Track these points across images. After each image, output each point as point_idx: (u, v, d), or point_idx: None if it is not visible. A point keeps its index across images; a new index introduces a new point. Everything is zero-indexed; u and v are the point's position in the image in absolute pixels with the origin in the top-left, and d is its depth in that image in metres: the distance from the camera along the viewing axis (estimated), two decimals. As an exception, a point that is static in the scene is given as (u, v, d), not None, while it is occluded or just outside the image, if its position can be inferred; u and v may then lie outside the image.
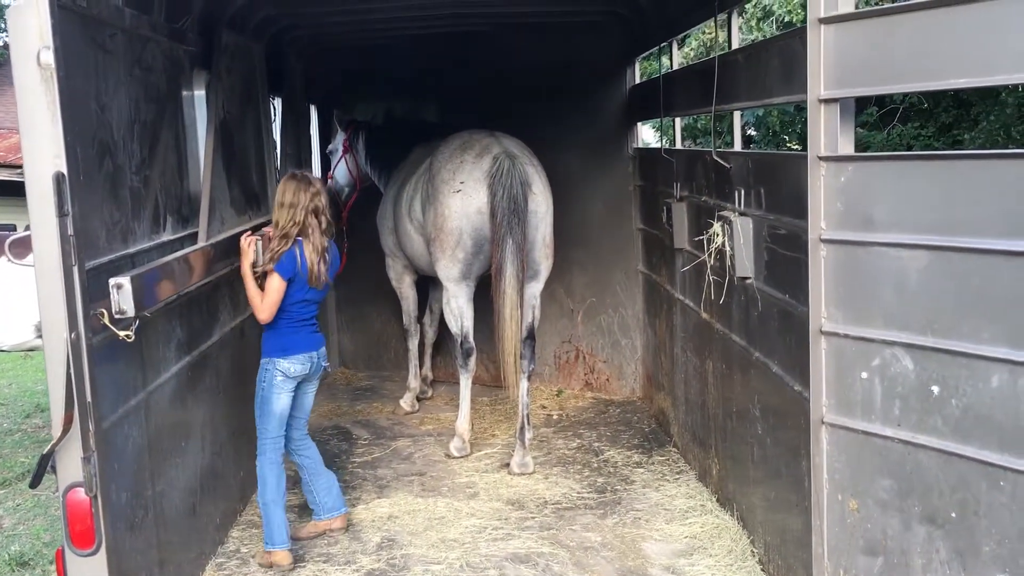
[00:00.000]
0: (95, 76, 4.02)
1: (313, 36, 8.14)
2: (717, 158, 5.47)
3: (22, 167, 3.63)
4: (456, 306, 6.89)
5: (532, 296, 6.85)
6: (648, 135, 16.05)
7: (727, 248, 5.11)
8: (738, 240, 4.92)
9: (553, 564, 5.21)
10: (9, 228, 15.95)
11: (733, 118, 5.99)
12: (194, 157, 5.38)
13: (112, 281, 3.83)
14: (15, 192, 10.24)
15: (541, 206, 6.70)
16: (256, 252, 5.17)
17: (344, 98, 9.28)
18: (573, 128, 8.42)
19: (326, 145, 9.34)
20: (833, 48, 3.66)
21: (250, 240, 5.17)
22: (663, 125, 7.70)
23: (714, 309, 5.68)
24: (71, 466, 3.69)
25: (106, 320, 3.81)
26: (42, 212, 3.53)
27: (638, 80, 8.45)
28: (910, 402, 3.49)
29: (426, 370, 8.80)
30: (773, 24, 15.58)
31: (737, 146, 5.99)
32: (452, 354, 7.97)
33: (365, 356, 9.74)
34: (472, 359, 6.97)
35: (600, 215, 8.52)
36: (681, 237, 6.37)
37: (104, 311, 3.81)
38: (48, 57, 3.48)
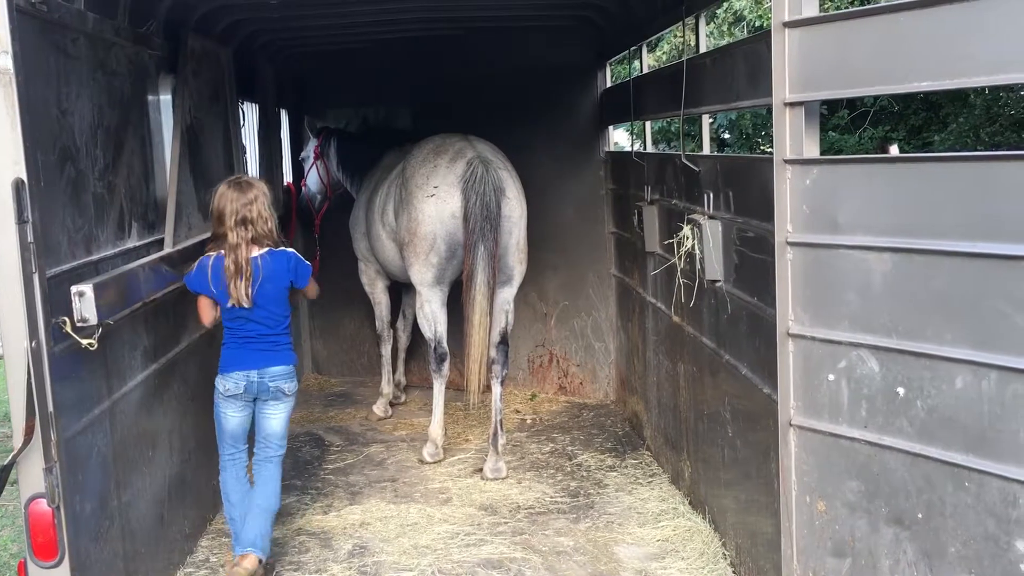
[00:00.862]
0: (56, 81, 3.97)
1: (283, 41, 8.09)
2: (686, 161, 5.48)
3: (-20, 174, 3.56)
4: (430, 311, 6.86)
5: (505, 301, 6.83)
6: (622, 138, 16.11)
7: (697, 251, 5.12)
8: (707, 243, 4.93)
9: (525, 569, 5.20)
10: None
11: (702, 121, 6.01)
12: (160, 162, 5.32)
13: (74, 289, 3.78)
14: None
15: (515, 211, 6.68)
16: None
17: (315, 103, 9.24)
18: (545, 132, 8.42)
19: (298, 150, 9.30)
20: (798, 51, 3.67)
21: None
22: (634, 128, 7.72)
23: (685, 312, 5.69)
24: (33, 477, 3.64)
25: (68, 328, 3.76)
26: (1, 219, 3.48)
27: (609, 84, 8.47)
28: (876, 404, 3.50)
29: (399, 375, 8.76)
30: (744, 29, 15.68)
31: (706, 149, 6.01)
32: (426, 359, 7.94)
33: (338, 362, 9.69)
34: (446, 364, 6.95)
35: (572, 219, 8.53)
36: (652, 240, 6.38)
37: (66, 319, 3.76)
38: (6, 62, 3.44)
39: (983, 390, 3.12)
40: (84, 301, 3.78)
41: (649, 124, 7.79)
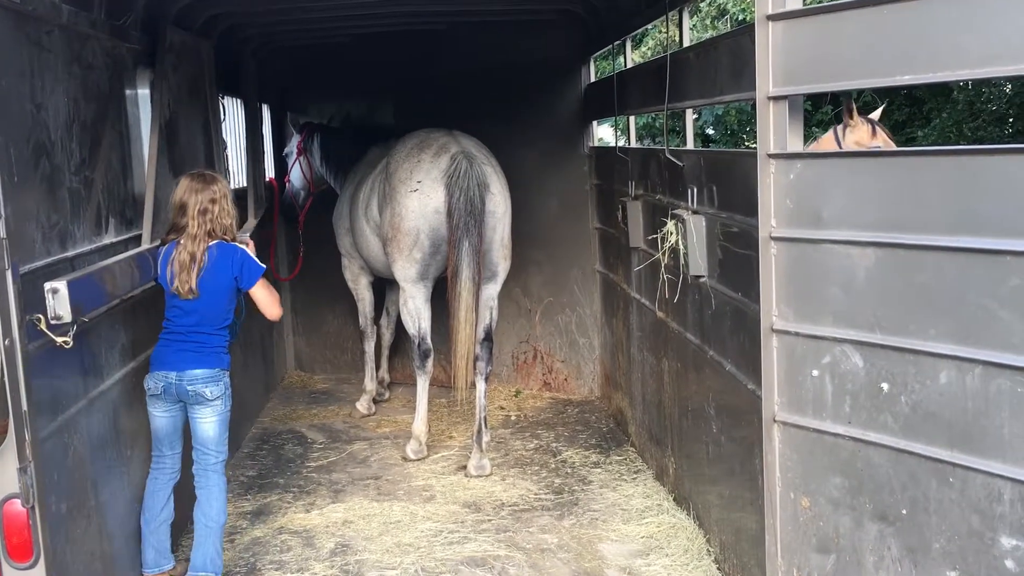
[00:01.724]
0: (30, 74, 3.90)
1: (264, 34, 8.01)
2: (670, 156, 5.45)
3: (-49, 168, 3.50)
4: (413, 307, 6.82)
5: (490, 298, 6.80)
6: (607, 134, 16.08)
7: (680, 246, 5.10)
8: (691, 238, 4.90)
9: (509, 567, 5.17)
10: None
11: (686, 116, 5.98)
12: (138, 157, 5.24)
13: (48, 285, 3.71)
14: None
15: (499, 207, 6.64)
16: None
17: (298, 99, 9.17)
18: (529, 127, 8.39)
19: (280, 146, 9.23)
20: (781, 45, 3.64)
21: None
22: (617, 123, 7.69)
23: (669, 308, 5.66)
24: (7, 477, 3.56)
25: (42, 326, 3.69)
26: (-28, 215, 3.41)
27: (593, 79, 8.44)
28: (860, 399, 3.48)
29: (383, 372, 8.72)
30: (728, 23, 15.68)
31: (689, 144, 5.98)
32: (409, 355, 7.90)
33: (321, 359, 9.63)
34: (429, 361, 6.91)
35: (557, 214, 8.50)
36: (636, 236, 6.35)
37: (40, 317, 3.69)
38: (-23, 55, 3.37)
39: (967, 385, 3.10)
40: (58, 298, 3.71)
41: (633, 119, 7.77)
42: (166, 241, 4.82)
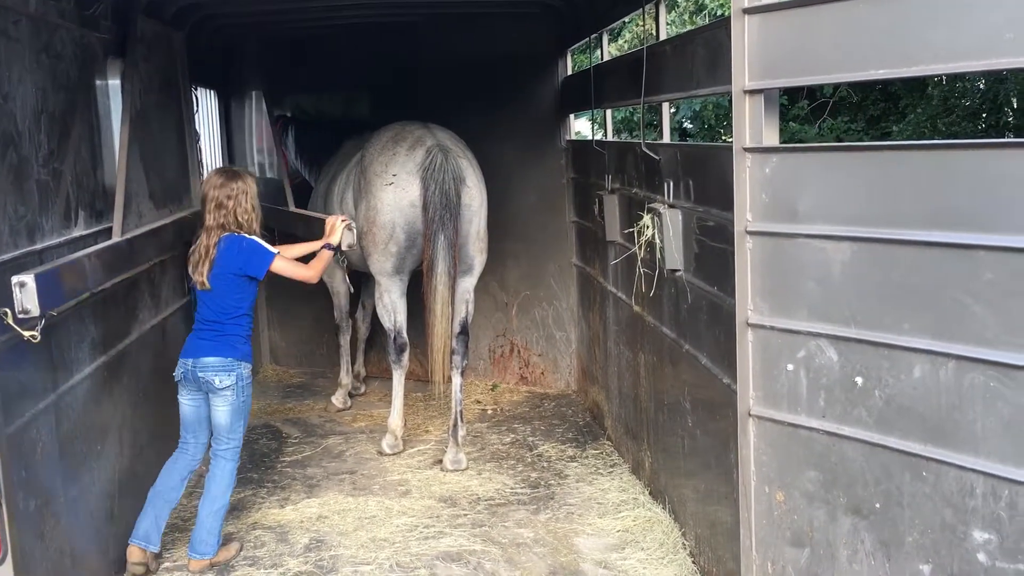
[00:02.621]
0: (-4, 64, 3.83)
1: (237, 26, 7.93)
2: (647, 150, 5.44)
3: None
4: (389, 301, 6.78)
5: (465, 291, 6.77)
6: (584, 127, 16.07)
7: (657, 240, 5.09)
8: (667, 232, 4.89)
9: (485, 562, 5.15)
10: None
11: (662, 110, 5.97)
12: (109, 149, 5.18)
13: (15, 279, 3.65)
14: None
15: (475, 200, 6.61)
16: (340, 233, 5.48)
17: (273, 91, 9.09)
18: (506, 120, 8.35)
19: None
20: (757, 38, 3.64)
21: (344, 220, 5.54)
22: (595, 117, 7.68)
23: (645, 302, 5.66)
24: (-27, 474, 3.52)
25: (9, 320, 3.64)
26: (-64, 207, 3.35)
27: (570, 72, 8.41)
28: (835, 393, 3.49)
29: (359, 366, 8.66)
30: (706, 17, 15.70)
31: (666, 138, 5.97)
32: (385, 349, 7.85)
33: (296, 353, 9.56)
34: (405, 355, 6.87)
35: (534, 208, 8.47)
36: (613, 229, 6.34)
37: (7, 311, 3.63)
38: (-59, 43, 3.30)
39: (941, 380, 3.11)
40: (26, 292, 3.65)
41: (611, 113, 7.75)
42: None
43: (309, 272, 5.29)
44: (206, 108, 8.05)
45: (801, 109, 16.36)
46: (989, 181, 2.93)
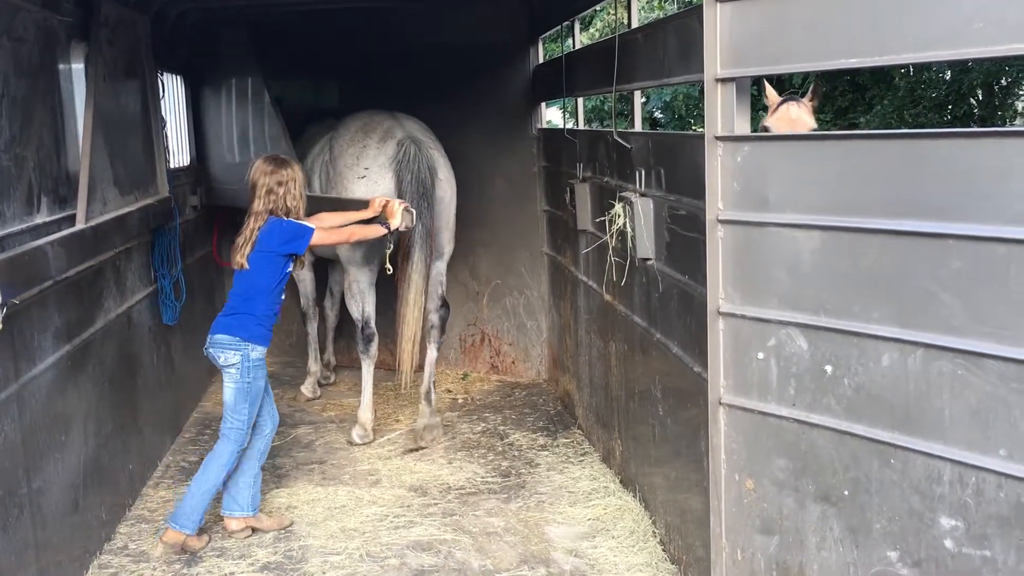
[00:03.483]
0: (-45, 46, 3.74)
1: (202, 11, 7.80)
2: (618, 138, 5.43)
3: None
4: (358, 290, 6.74)
5: (439, 273, 6.91)
6: (555, 116, 16.03)
7: (628, 229, 5.08)
8: (639, 221, 4.89)
9: (455, 551, 5.14)
10: None
11: (634, 98, 5.96)
12: (73, 134, 5.09)
13: (-25, 267, 3.58)
14: None
15: (447, 193, 6.64)
16: (399, 216, 5.69)
17: (235, 75, 8.95)
18: (476, 108, 8.30)
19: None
20: (729, 27, 3.63)
21: (402, 203, 5.79)
22: (567, 105, 7.65)
23: (616, 291, 5.66)
24: (-67, 465, 3.45)
25: (-30, 308, 3.56)
26: None
27: (542, 60, 8.38)
28: (804, 382, 3.50)
29: (328, 355, 8.61)
30: (676, 5, 15.72)
31: (638, 126, 5.96)
32: (355, 339, 7.80)
33: (265, 342, 9.46)
34: (374, 345, 6.84)
35: (505, 196, 8.44)
36: (584, 218, 6.33)
37: (-33, 299, 3.56)
38: None
39: (909, 368, 3.13)
40: (-14, 280, 3.58)
41: (582, 101, 7.73)
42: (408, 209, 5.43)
43: (345, 237, 5.62)
44: (172, 94, 7.92)
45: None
46: (957, 170, 2.95)
